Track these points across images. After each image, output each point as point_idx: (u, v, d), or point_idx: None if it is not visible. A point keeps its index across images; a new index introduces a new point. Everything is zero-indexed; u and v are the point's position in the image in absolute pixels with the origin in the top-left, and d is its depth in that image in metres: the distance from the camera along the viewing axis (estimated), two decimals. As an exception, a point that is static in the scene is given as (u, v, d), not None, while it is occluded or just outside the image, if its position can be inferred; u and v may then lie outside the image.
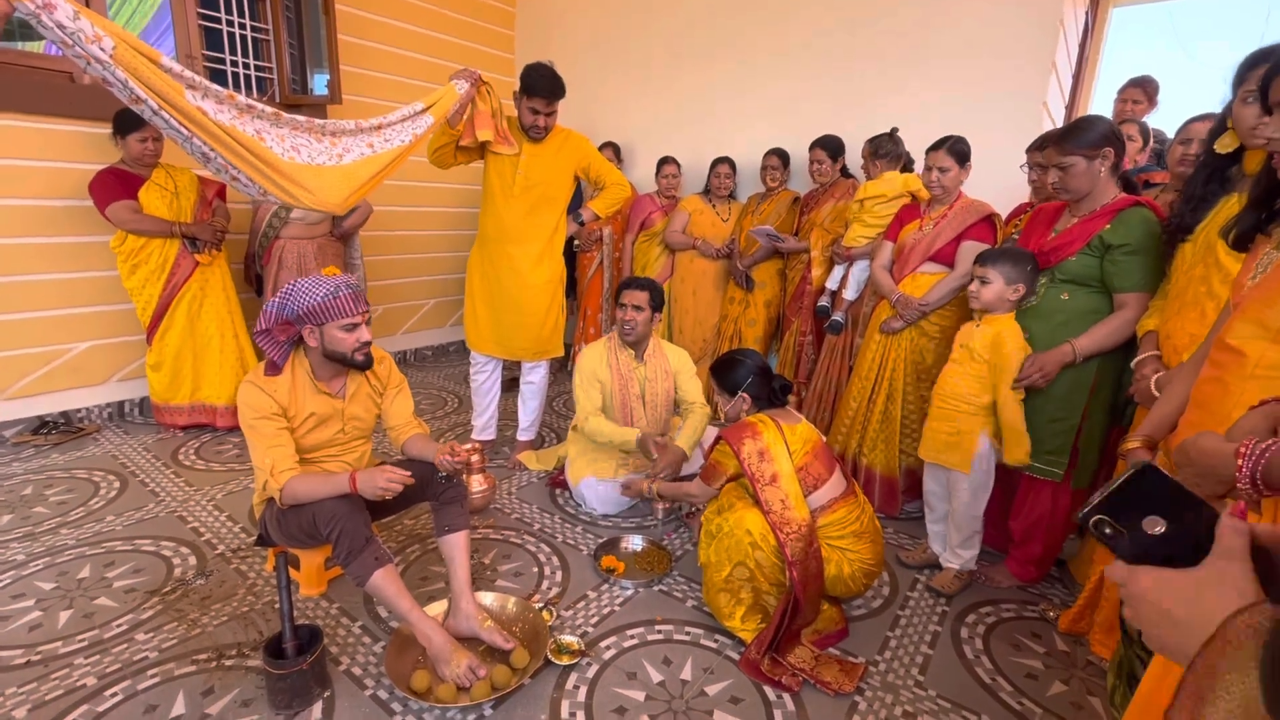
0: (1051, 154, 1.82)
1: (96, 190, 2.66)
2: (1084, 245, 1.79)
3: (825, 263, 3.08)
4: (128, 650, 1.63)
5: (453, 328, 4.80)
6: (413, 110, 2.08)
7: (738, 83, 3.77)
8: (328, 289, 1.63)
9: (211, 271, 2.94)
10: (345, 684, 1.56)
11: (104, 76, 1.47)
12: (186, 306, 2.88)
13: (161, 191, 2.78)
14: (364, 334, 1.69)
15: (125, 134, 2.67)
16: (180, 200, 2.83)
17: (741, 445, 1.72)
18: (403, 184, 4.16)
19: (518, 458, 2.85)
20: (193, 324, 2.91)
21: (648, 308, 2.40)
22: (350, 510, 1.58)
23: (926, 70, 3.12)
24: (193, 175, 2.91)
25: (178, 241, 2.83)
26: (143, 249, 2.77)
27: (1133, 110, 2.83)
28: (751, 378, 1.86)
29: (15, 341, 2.81)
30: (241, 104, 1.68)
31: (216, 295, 2.95)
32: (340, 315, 1.64)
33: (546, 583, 2.01)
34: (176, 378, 2.94)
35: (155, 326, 2.87)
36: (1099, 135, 1.74)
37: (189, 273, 2.86)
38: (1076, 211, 1.86)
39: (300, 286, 1.63)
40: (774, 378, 1.88)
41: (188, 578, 1.94)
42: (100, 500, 2.38)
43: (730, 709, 1.53)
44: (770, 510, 1.68)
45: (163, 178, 2.80)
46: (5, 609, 1.76)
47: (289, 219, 3.11)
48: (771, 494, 1.69)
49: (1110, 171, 1.78)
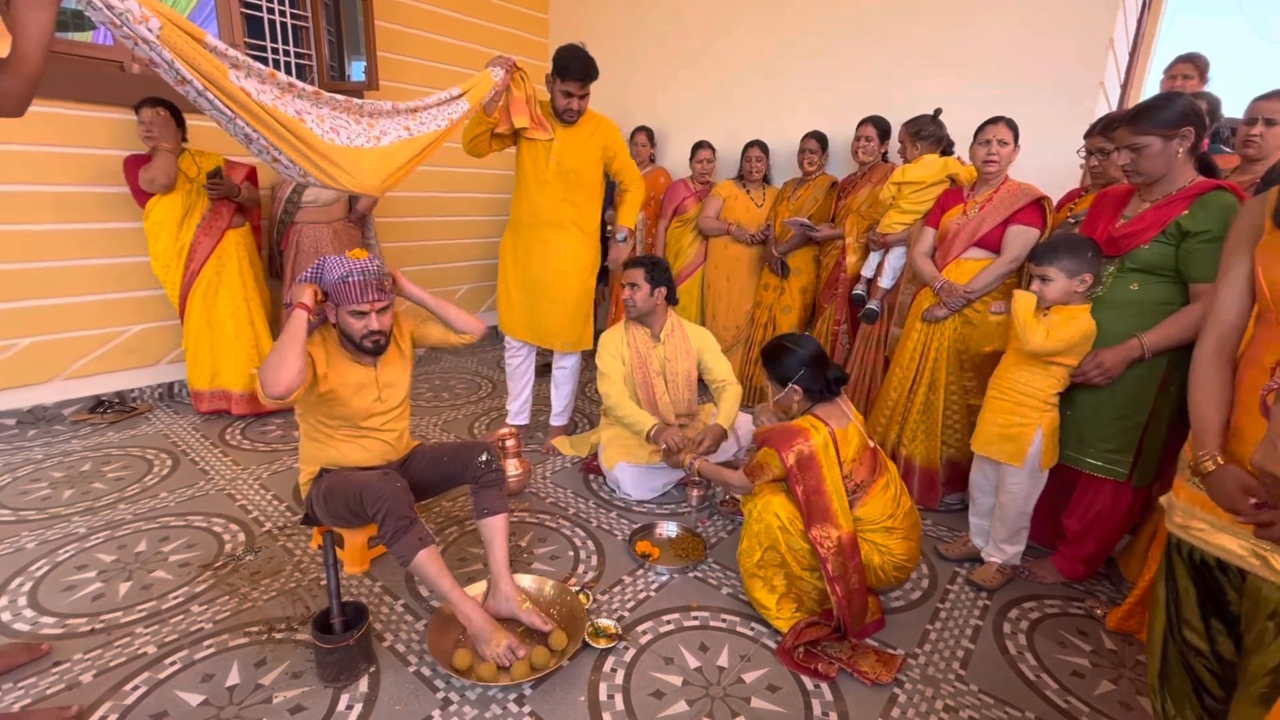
0: (1124, 134, 1.68)
1: (129, 170, 2.75)
2: (1159, 232, 1.68)
3: (860, 250, 3.02)
4: (184, 621, 1.70)
5: (487, 313, 4.84)
6: (449, 95, 2.09)
7: (775, 64, 3.69)
8: (341, 272, 1.65)
9: (228, 258, 2.95)
10: (389, 659, 1.60)
11: (151, 57, 1.50)
12: (202, 293, 2.92)
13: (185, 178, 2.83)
14: (372, 323, 1.68)
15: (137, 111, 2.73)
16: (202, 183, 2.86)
17: (789, 452, 1.66)
18: (436, 169, 4.19)
19: (552, 443, 2.88)
20: (208, 310, 2.95)
21: (645, 284, 2.39)
22: (396, 491, 1.61)
23: (974, 49, 3.01)
24: (219, 158, 2.93)
25: (194, 227, 2.86)
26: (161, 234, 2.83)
27: (1183, 86, 2.69)
28: (804, 370, 1.77)
29: (74, 323, 2.93)
30: (283, 83, 1.70)
31: (232, 282, 2.97)
32: (349, 300, 1.65)
33: (582, 567, 2.03)
34: (198, 363, 3.01)
35: (182, 312, 2.95)
36: (1178, 113, 1.61)
37: (204, 258, 2.90)
38: (1149, 196, 1.74)
39: (325, 263, 1.68)
40: (829, 367, 1.79)
41: (238, 553, 2.01)
42: (154, 477, 2.48)
43: (768, 696, 1.53)
44: (813, 522, 1.65)
45: (188, 163, 2.84)
46: (71, 579, 1.85)
47: (301, 203, 3.12)
48: (816, 503, 1.66)
49: (1188, 153, 1.65)
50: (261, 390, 1.52)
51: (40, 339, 2.85)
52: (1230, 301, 1.11)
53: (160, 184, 2.74)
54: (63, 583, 1.83)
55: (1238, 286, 1.10)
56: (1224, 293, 1.13)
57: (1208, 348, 1.12)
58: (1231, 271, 1.12)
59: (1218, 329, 1.12)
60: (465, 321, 1.94)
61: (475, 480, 1.82)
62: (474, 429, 3.12)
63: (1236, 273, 1.11)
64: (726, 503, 2.43)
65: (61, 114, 2.75)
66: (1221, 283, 1.14)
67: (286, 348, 1.53)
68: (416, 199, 4.13)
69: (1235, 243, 1.12)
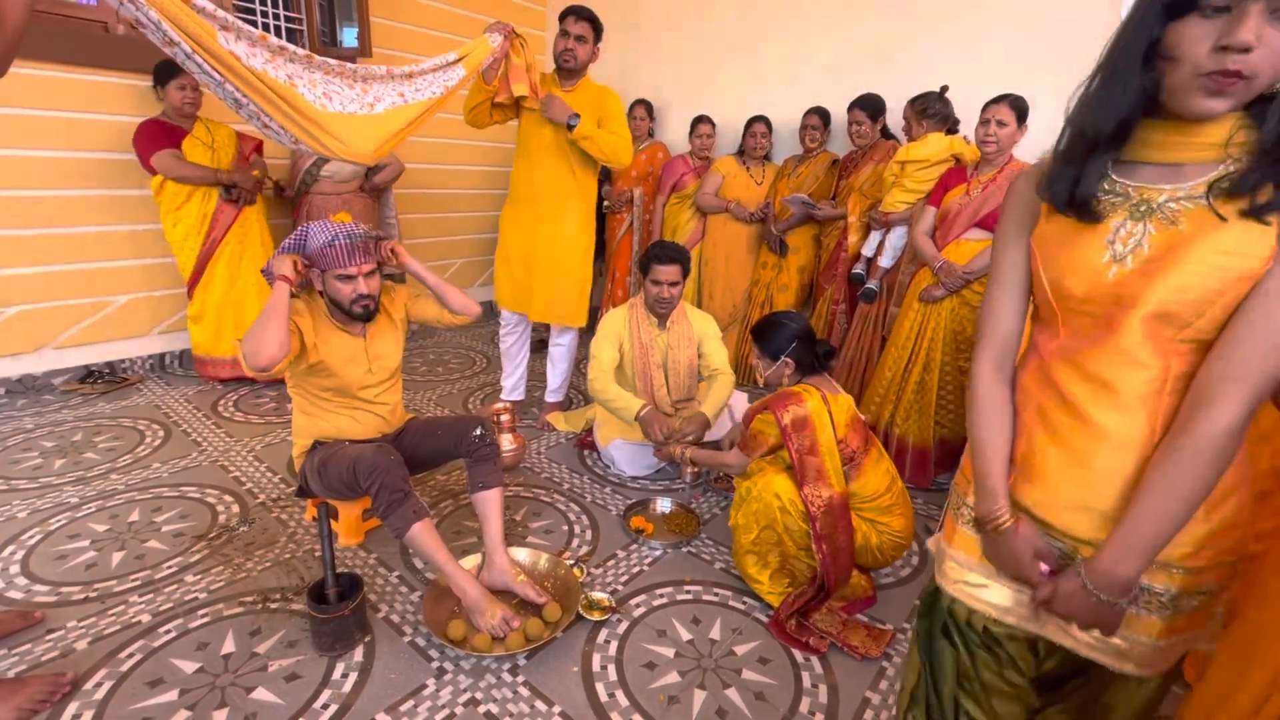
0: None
1: (141, 140, 2.69)
2: None
3: (862, 229, 2.99)
4: (178, 590, 1.70)
5: (481, 287, 4.80)
6: (445, 61, 2.04)
7: (780, 37, 3.62)
8: (326, 237, 1.63)
9: (250, 225, 2.97)
10: (384, 630, 1.61)
11: (137, 17, 1.45)
12: (227, 260, 2.92)
13: (202, 146, 2.80)
14: (360, 287, 1.67)
15: (164, 83, 2.69)
16: (219, 154, 2.85)
17: (785, 412, 1.69)
18: (434, 141, 4.11)
19: (546, 418, 2.88)
20: (233, 277, 2.95)
21: (682, 280, 2.36)
22: (390, 464, 1.61)
23: (983, 25, 2.96)
24: (230, 130, 2.92)
25: (216, 195, 2.85)
26: (185, 204, 2.80)
27: None
28: (795, 343, 1.80)
29: (62, 292, 2.89)
30: (274, 45, 1.66)
31: (255, 248, 2.99)
32: (335, 265, 1.64)
33: (576, 541, 2.04)
34: (218, 330, 3.00)
35: (196, 279, 2.93)
36: None
37: (228, 226, 2.90)
38: None
39: (308, 230, 1.66)
40: (817, 342, 1.83)
41: (232, 524, 2.01)
42: (146, 448, 2.47)
43: (758, 668, 1.56)
44: (805, 480, 1.67)
45: (203, 132, 2.82)
46: (63, 548, 1.85)
47: (319, 176, 3.15)
48: (809, 463, 1.68)
49: None
50: (245, 363, 1.51)
51: (28, 307, 2.80)
52: (1004, 306, 0.88)
53: (175, 177, 2.73)
54: (55, 551, 1.83)
55: (1013, 287, 0.87)
56: (996, 295, 0.89)
57: (986, 366, 0.89)
58: (1003, 267, 0.88)
59: (995, 341, 0.89)
60: (461, 303, 1.92)
61: (470, 454, 1.82)
62: (469, 404, 3.12)
63: (1009, 268, 0.87)
64: (720, 479, 2.44)
65: (43, 76, 2.67)
66: (993, 284, 0.90)
67: (268, 320, 1.53)
68: (414, 170, 4.05)
69: (1006, 231, 0.88)
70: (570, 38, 2.39)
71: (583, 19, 2.40)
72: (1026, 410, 0.86)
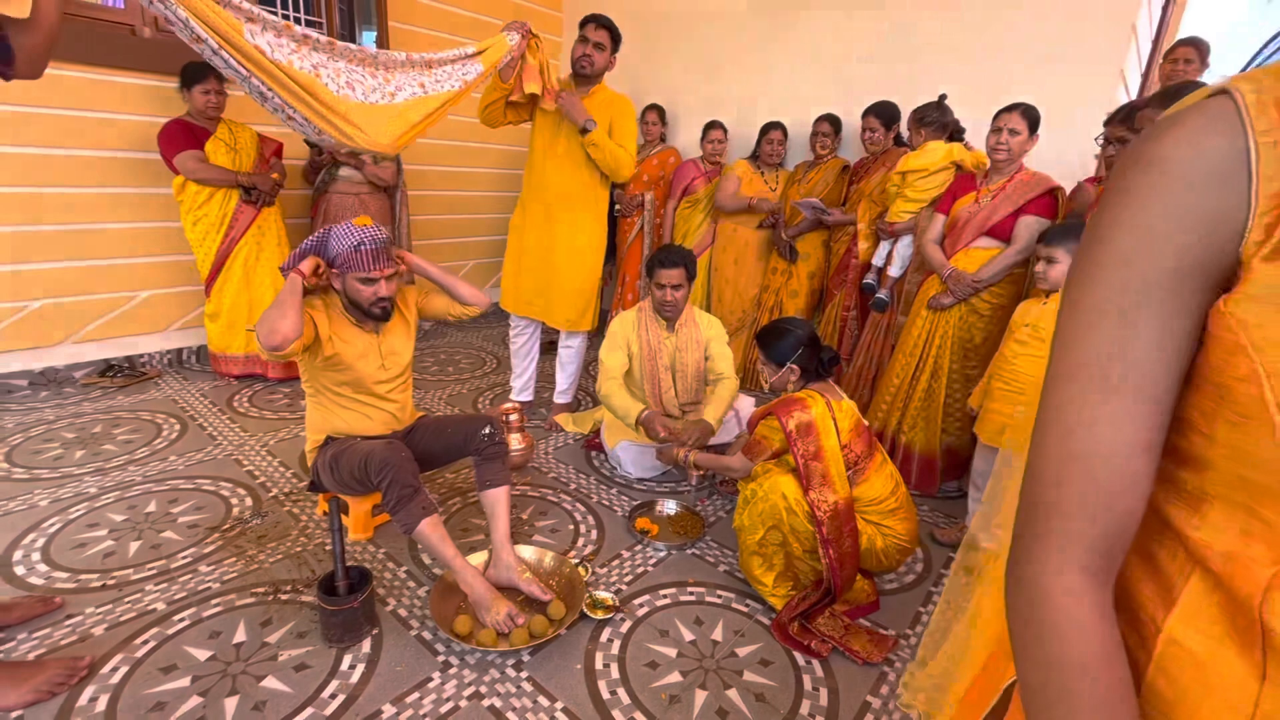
0: (1147, 117, 1.68)
1: (165, 140, 2.75)
2: None
3: (872, 235, 3.00)
4: (193, 580, 1.74)
5: (492, 289, 4.85)
6: (464, 53, 2.09)
7: (792, 44, 3.64)
8: (352, 241, 1.67)
9: (268, 226, 3.03)
10: (392, 623, 1.64)
11: (165, 15, 1.50)
12: (244, 259, 2.98)
13: (225, 148, 2.86)
14: (381, 289, 1.72)
15: (190, 86, 2.75)
16: (241, 156, 2.91)
17: (789, 418, 1.71)
18: (446, 143, 4.16)
19: (555, 419, 2.90)
20: (249, 277, 3.01)
21: (685, 284, 2.38)
22: (401, 461, 1.64)
23: (994, 34, 2.96)
24: (253, 133, 2.98)
25: (236, 195, 2.91)
26: (206, 203, 2.86)
27: (1184, 71, 2.63)
28: (800, 349, 1.82)
29: (84, 287, 2.96)
30: (298, 34, 1.71)
31: (272, 249, 3.05)
32: (359, 269, 1.68)
33: (582, 540, 2.07)
34: (233, 328, 3.06)
35: (214, 278, 2.98)
36: None
37: (246, 227, 2.95)
38: None
39: (334, 232, 1.70)
40: (822, 349, 1.85)
41: (245, 517, 2.05)
42: (163, 441, 2.52)
43: (760, 670, 1.57)
44: (811, 486, 1.68)
45: (226, 133, 2.88)
46: (82, 536, 1.89)
47: (337, 176, 3.23)
48: (814, 468, 1.69)
49: None
50: (259, 344, 1.55)
51: (51, 301, 2.88)
52: (1110, 435, 0.45)
53: (196, 179, 2.80)
54: (75, 540, 1.87)
55: (1140, 399, 0.43)
56: (1087, 413, 0.45)
57: (1062, 561, 0.46)
58: (1112, 355, 0.43)
59: (1084, 510, 0.46)
60: (470, 294, 1.96)
61: (478, 452, 1.85)
62: (478, 404, 3.15)
63: (1136, 358, 0.43)
64: (726, 483, 2.45)
65: (73, 77, 2.74)
66: (1072, 383, 0.46)
67: (284, 302, 1.57)
68: (426, 172, 4.11)
69: (1125, 283, 0.43)
70: (589, 44, 2.42)
71: (603, 27, 2.43)
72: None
